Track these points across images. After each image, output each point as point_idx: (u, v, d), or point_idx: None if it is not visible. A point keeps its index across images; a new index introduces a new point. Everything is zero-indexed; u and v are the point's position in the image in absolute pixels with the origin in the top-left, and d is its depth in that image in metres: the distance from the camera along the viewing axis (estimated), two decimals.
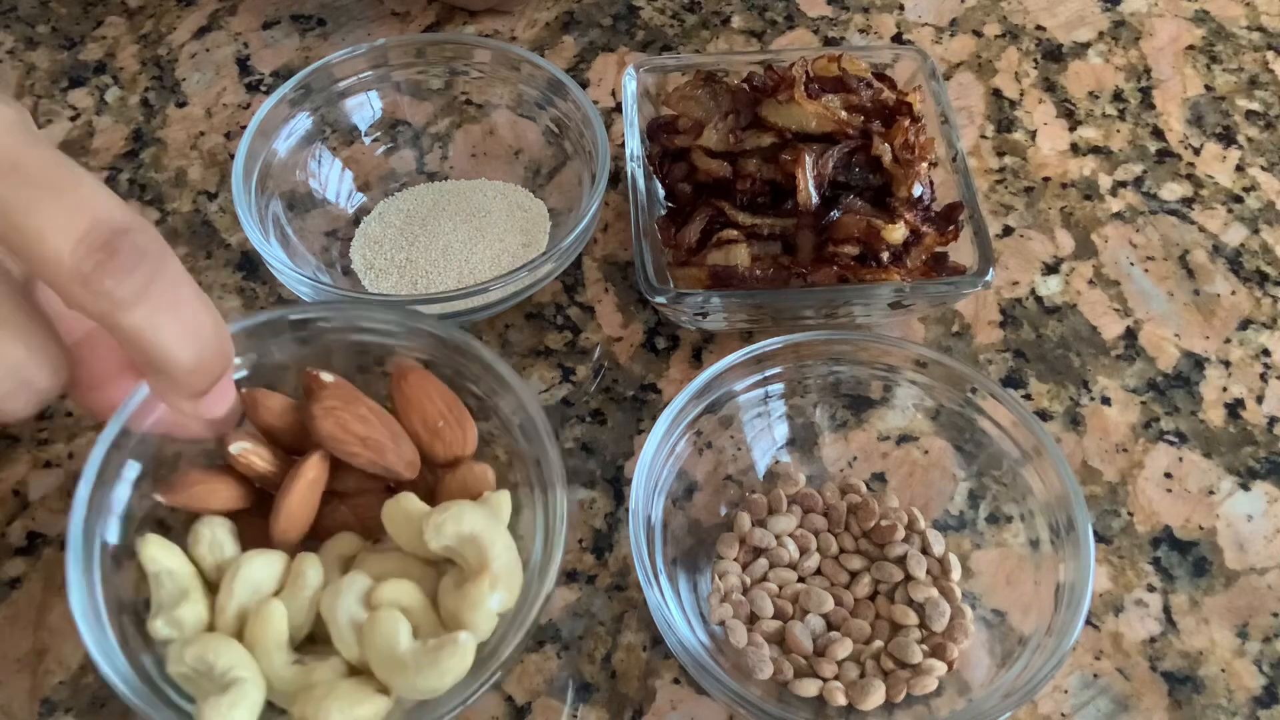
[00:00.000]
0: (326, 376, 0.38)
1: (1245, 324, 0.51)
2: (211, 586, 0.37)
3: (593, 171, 0.51)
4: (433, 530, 0.36)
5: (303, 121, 0.53)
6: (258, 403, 0.39)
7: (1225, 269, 0.53)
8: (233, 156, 0.51)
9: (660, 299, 0.46)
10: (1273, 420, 0.48)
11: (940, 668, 0.40)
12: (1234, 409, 0.49)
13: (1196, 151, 0.58)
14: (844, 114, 0.49)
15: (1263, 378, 0.50)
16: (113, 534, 0.37)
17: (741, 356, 0.43)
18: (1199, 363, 0.50)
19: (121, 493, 0.38)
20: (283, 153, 0.52)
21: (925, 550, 0.43)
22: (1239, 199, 0.56)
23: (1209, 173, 0.57)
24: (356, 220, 0.54)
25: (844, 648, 0.41)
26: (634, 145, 0.51)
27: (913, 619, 0.41)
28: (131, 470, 0.38)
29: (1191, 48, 0.63)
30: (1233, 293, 0.52)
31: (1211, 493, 0.46)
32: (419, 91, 0.56)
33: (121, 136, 0.59)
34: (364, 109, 0.55)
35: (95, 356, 0.35)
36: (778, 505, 0.44)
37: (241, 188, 0.49)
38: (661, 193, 0.52)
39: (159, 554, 0.36)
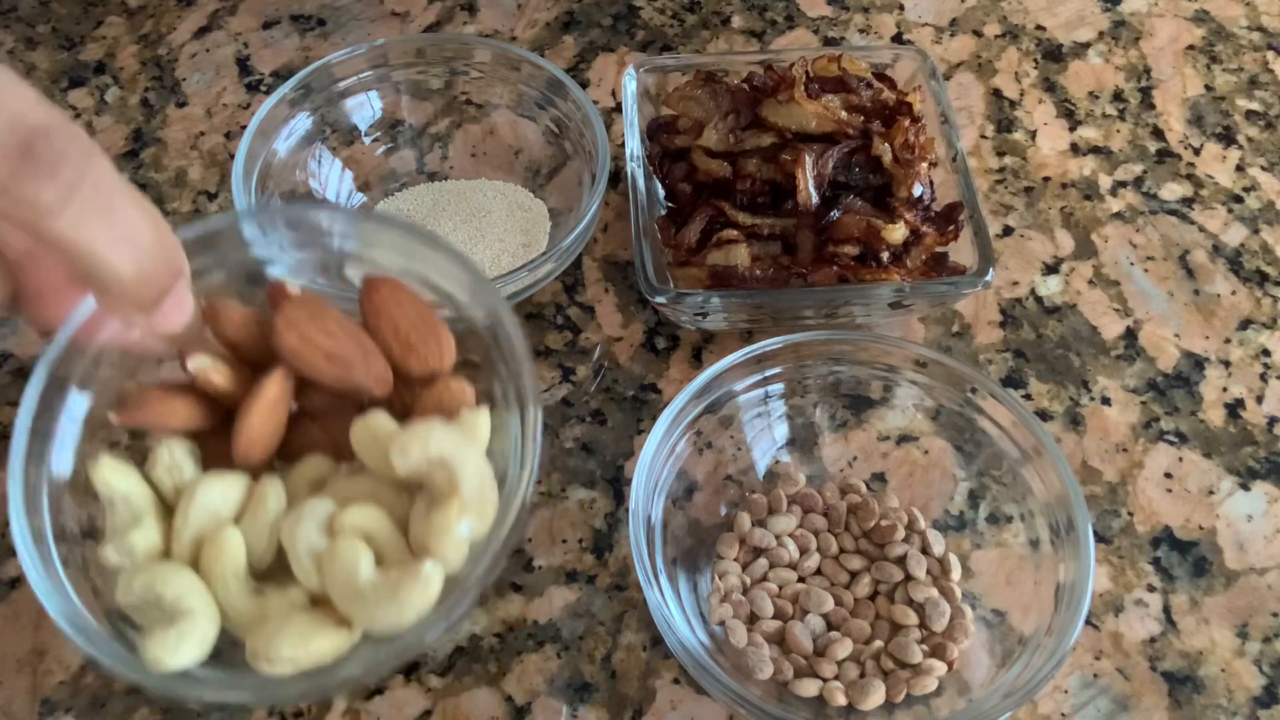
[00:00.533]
0: (292, 286, 0.36)
1: (1245, 324, 0.51)
2: (171, 511, 0.35)
3: (593, 171, 0.51)
4: (398, 453, 0.33)
5: (303, 121, 0.53)
6: (219, 314, 0.35)
7: (1225, 269, 0.53)
8: (233, 156, 0.51)
9: (660, 299, 0.46)
10: (1273, 420, 0.48)
11: (940, 668, 0.40)
12: (1234, 409, 0.49)
13: (1196, 151, 0.58)
14: (844, 114, 0.49)
15: (1263, 378, 0.50)
16: (63, 458, 0.35)
17: (741, 356, 0.43)
18: (1199, 363, 0.50)
19: (71, 414, 0.35)
20: (283, 153, 0.52)
21: (925, 550, 0.43)
22: (1239, 199, 0.56)
23: (1209, 173, 0.57)
24: None
25: (844, 648, 0.40)
26: (634, 145, 0.51)
27: (913, 619, 0.41)
28: (81, 390, 0.35)
29: (1191, 48, 0.63)
30: (1233, 293, 0.52)
31: (1211, 493, 0.46)
32: (419, 91, 0.56)
33: (121, 136, 0.59)
34: (364, 109, 0.55)
35: (41, 268, 0.33)
36: (778, 505, 0.44)
37: (241, 188, 0.49)
38: (661, 193, 0.52)
39: (112, 477, 0.34)
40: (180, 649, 0.32)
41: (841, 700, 0.39)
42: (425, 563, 0.32)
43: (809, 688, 0.40)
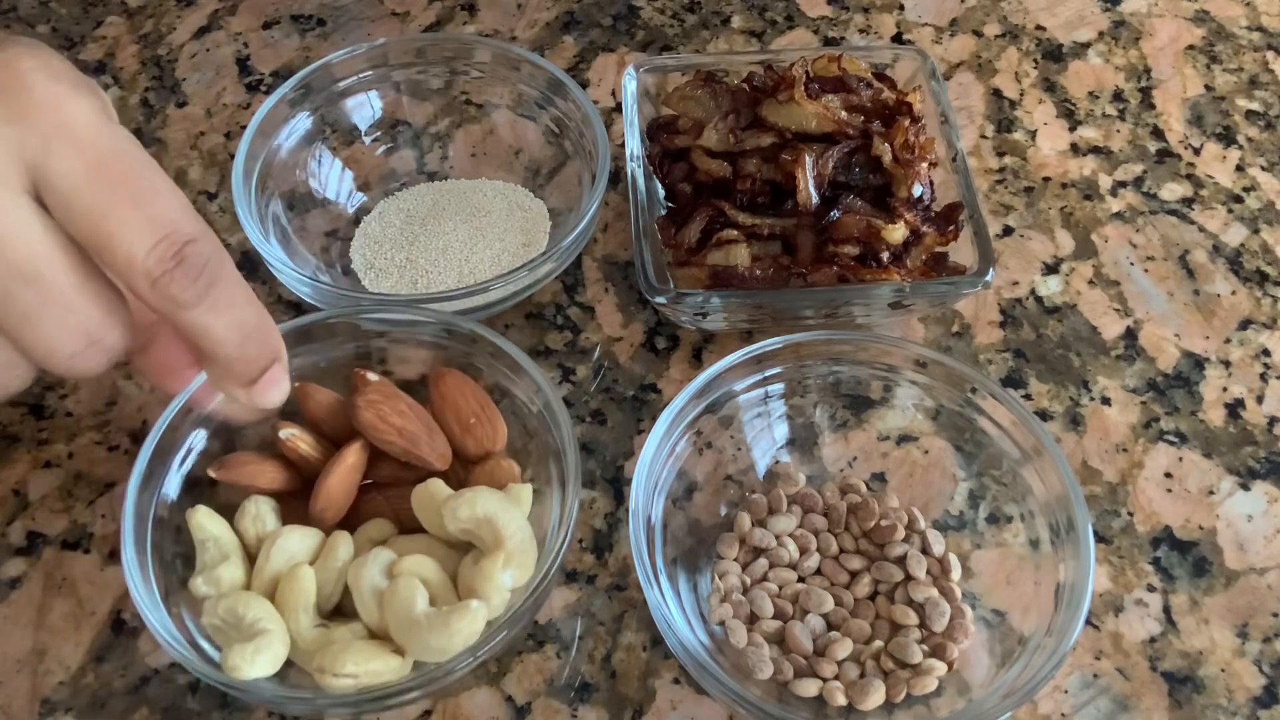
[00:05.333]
0: (371, 375, 0.42)
1: (1245, 324, 0.51)
2: (253, 558, 0.41)
3: (593, 171, 0.51)
4: (449, 513, 0.39)
5: (303, 121, 0.53)
6: (308, 396, 0.42)
7: (1225, 269, 0.53)
8: (233, 156, 0.50)
9: (660, 299, 0.46)
10: (1273, 420, 0.48)
11: (940, 668, 0.40)
12: (1234, 409, 0.49)
13: (1196, 151, 0.58)
14: (844, 114, 0.49)
15: (1263, 378, 0.50)
16: (165, 506, 0.41)
17: (741, 356, 0.43)
18: (1199, 363, 0.50)
19: (177, 469, 0.42)
20: (283, 153, 0.52)
21: (925, 550, 0.43)
22: (1239, 199, 0.56)
23: (1209, 173, 0.57)
24: (356, 220, 0.54)
25: (844, 648, 0.40)
26: (634, 145, 0.51)
27: (913, 619, 0.41)
28: (191, 446, 0.42)
29: (1191, 48, 0.63)
30: (1233, 293, 0.52)
31: (1211, 493, 0.46)
32: (419, 91, 0.56)
33: None
34: (364, 109, 0.55)
35: (166, 346, 0.40)
36: (778, 505, 0.44)
37: (241, 187, 0.49)
38: (661, 193, 0.52)
39: (206, 522, 0.40)
40: (256, 660, 0.37)
41: (841, 700, 0.39)
42: (472, 600, 0.38)
43: (809, 688, 0.40)
